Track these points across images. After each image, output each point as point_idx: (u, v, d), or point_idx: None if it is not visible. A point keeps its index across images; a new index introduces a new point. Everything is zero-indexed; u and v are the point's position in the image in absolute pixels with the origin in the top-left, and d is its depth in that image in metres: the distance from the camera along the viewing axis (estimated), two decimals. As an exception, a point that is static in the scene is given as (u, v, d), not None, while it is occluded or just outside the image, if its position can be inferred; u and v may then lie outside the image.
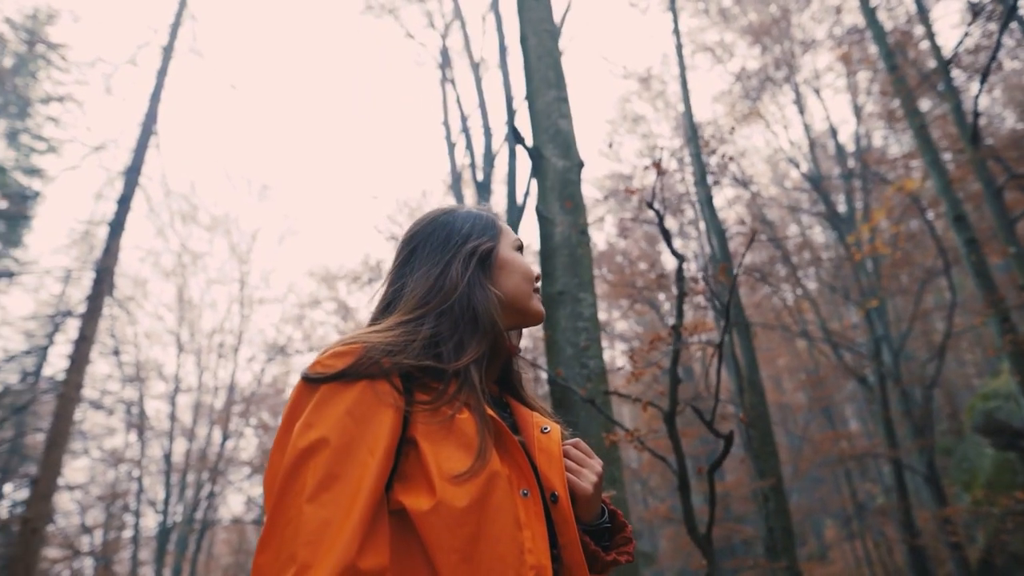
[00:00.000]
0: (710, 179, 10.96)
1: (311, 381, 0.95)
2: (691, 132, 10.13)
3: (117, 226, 10.64)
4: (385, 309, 1.16)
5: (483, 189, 12.10)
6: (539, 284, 1.31)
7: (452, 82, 13.75)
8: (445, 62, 14.03)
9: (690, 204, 16.33)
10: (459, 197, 13.25)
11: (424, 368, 1.01)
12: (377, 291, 1.23)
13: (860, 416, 24.92)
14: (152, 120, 11.75)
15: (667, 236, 3.50)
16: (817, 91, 16.68)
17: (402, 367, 0.98)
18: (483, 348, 1.09)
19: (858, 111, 16.06)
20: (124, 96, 14.99)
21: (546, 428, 1.13)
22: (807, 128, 16.89)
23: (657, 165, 3.53)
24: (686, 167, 14.30)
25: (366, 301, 20.35)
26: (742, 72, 16.38)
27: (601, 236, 20.20)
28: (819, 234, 21.53)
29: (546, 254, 4.76)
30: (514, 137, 5.23)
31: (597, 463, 1.16)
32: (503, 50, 11.70)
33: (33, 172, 14.81)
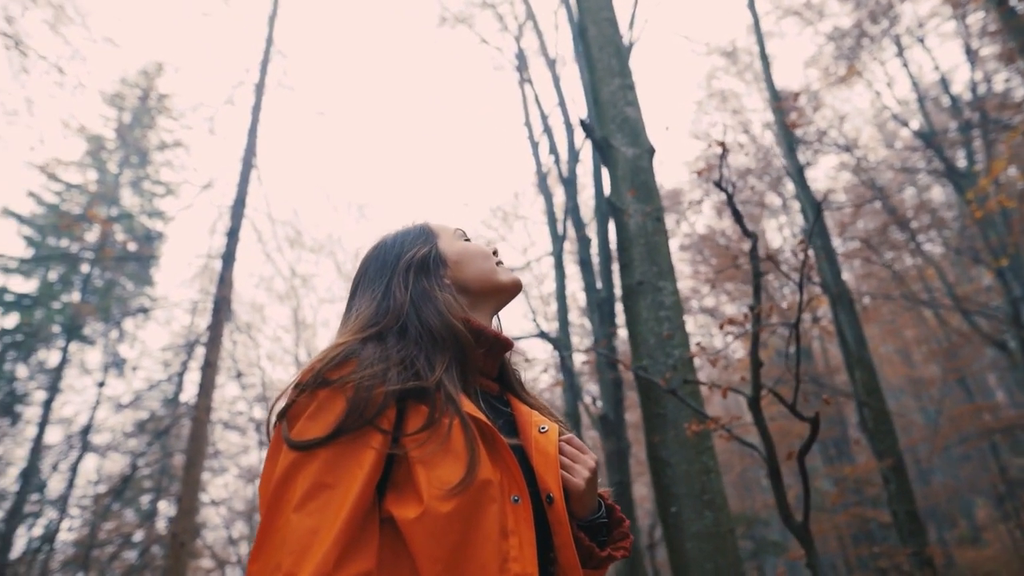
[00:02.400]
0: (803, 149, 10.41)
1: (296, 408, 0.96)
2: (775, 102, 9.66)
3: (228, 257, 11.34)
4: None
5: (569, 185, 12.04)
6: (499, 257, 1.31)
7: (530, 82, 13.77)
8: (522, 63, 14.07)
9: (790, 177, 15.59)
10: (547, 196, 13.24)
11: (409, 390, 0.99)
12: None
13: (1005, 385, 22.94)
14: (251, 154, 12.43)
15: (738, 216, 3.35)
16: (922, 40, 15.50)
17: (392, 395, 0.96)
18: (447, 357, 1.07)
19: (972, 56, 14.76)
20: (225, 135, 15.97)
21: (544, 427, 1.12)
22: (914, 82, 15.73)
23: (722, 144, 3.39)
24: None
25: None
26: (834, 32, 15.46)
27: (700, 219, 19.62)
28: (938, 194, 20.01)
29: (622, 245, 4.67)
30: (583, 130, 5.16)
31: (590, 459, 1.13)
32: (576, 42, 11.62)
33: (156, 214, 16.06)
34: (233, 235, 11.62)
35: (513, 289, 1.28)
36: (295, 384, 0.98)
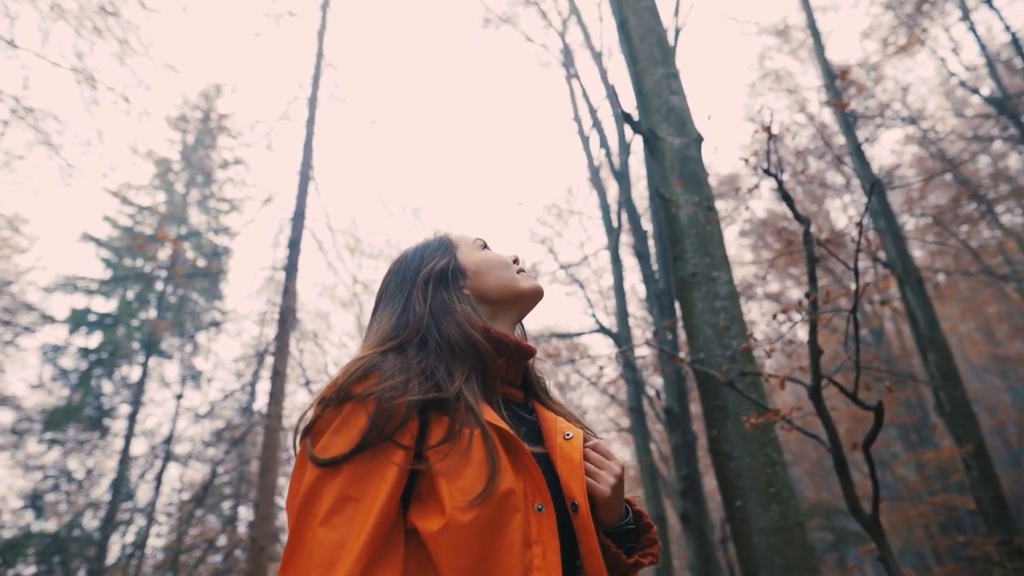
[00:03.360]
0: (863, 124, 10.03)
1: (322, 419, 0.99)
2: (827, 78, 9.33)
3: (291, 268, 11.67)
4: None
5: (622, 178, 11.92)
6: (520, 264, 1.31)
7: (577, 77, 13.71)
8: (568, 59, 14.01)
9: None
10: (600, 190, 13.15)
11: (429, 402, 1.00)
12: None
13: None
14: (308, 167, 12.75)
15: (789, 201, 3.27)
16: (989, 1, 14.71)
17: (413, 405, 0.98)
18: (467, 367, 1.08)
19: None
20: (282, 149, 16.41)
21: (568, 434, 1.12)
22: (983, 46, 14.94)
23: (768, 129, 3.31)
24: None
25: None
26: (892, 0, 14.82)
27: (760, 204, 19.15)
28: (1016, 162, 18.96)
29: (674, 237, 4.60)
30: (626, 122, 5.10)
31: (616, 464, 1.13)
32: (621, 33, 11.49)
33: (221, 231, 16.63)
34: (294, 246, 11.94)
35: (534, 296, 1.29)
36: (319, 399, 1.00)
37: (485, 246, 1.35)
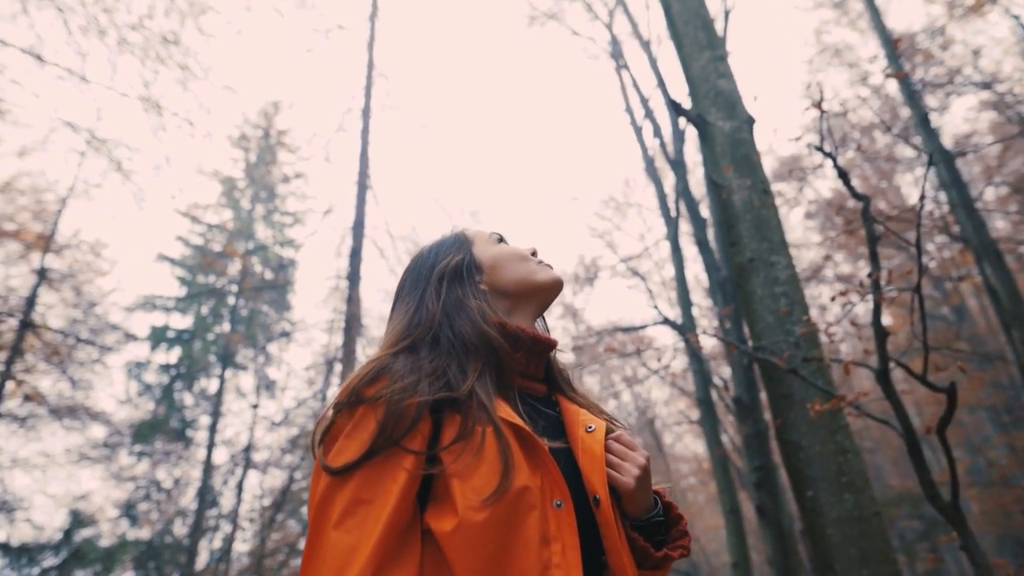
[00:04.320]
0: (931, 92, 9.55)
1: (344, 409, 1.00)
2: (887, 48, 8.92)
3: (354, 276, 11.92)
4: None
5: (678, 166, 11.71)
6: (539, 256, 1.29)
7: (626, 67, 13.53)
8: (616, 50, 13.85)
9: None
10: (655, 180, 12.95)
11: (441, 400, 1.00)
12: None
13: None
14: (365, 176, 12.99)
15: (845, 178, 3.14)
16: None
17: (423, 406, 0.97)
18: (480, 364, 1.07)
19: None
20: (340, 160, 16.80)
21: (591, 427, 1.10)
22: (1060, -1, 14.04)
23: (818, 105, 3.19)
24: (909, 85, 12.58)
25: (586, 300, 20.60)
26: (957, -41, 14.07)
27: (824, 184, 18.51)
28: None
29: (728, 223, 4.49)
30: (673, 109, 5.01)
31: (640, 456, 1.10)
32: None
33: (286, 243, 17.13)
34: (356, 255, 12.19)
35: (552, 287, 1.26)
36: (334, 404, 1.01)
37: (501, 240, 1.33)
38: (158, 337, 15.37)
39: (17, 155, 11.56)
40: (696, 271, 17.05)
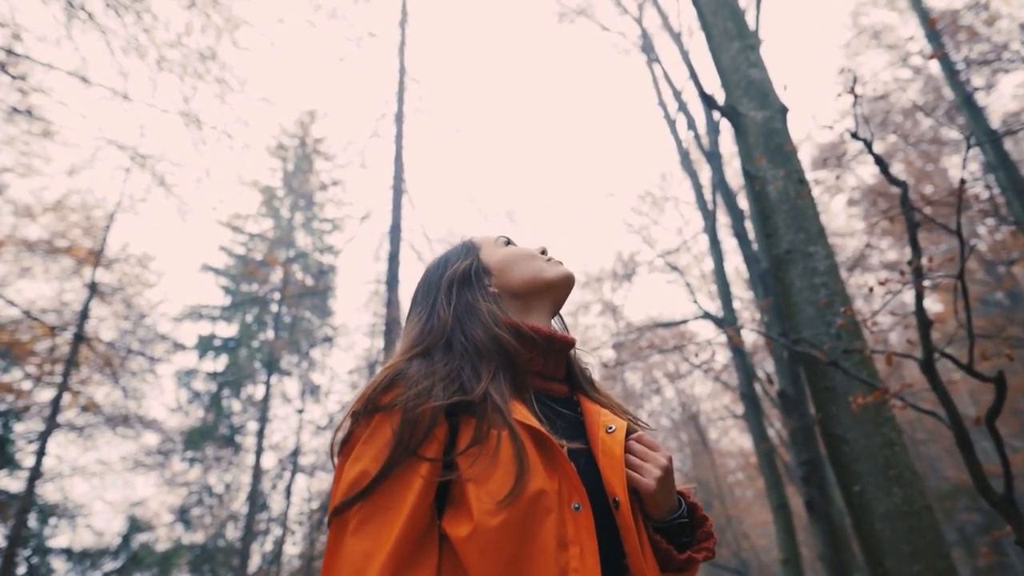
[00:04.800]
0: (977, 70, 9.24)
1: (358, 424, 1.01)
2: (926, 28, 8.65)
3: (392, 280, 12.03)
4: None
5: (713, 158, 11.55)
6: (548, 254, 1.29)
7: (658, 61, 13.38)
8: (647, 44, 13.73)
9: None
10: (691, 173, 12.80)
11: (455, 404, 1.00)
12: None
13: None
14: (400, 181, 13.11)
15: (881, 164, 3.06)
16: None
17: (438, 411, 0.98)
18: (494, 366, 1.07)
19: None
20: (375, 166, 16.94)
21: (611, 427, 1.08)
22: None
23: (851, 91, 3.11)
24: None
25: (625, 297, 20.48)
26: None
27: (866, 170, 18.05)
28: None
29: (764, 214, 4.42)
30: (705, 101, 4.94)
31: (662, 456, 1.07)
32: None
33: (326, 250, 17.38)
34: (394, 259, 12.31)
35: (562, 282, 1.26)
36: (351, 413, 1.02)
37: (509, 242, 1.33)
38: (205, 346, 15.74)
39: (67, 174, 11.96)
40: (736, 263, 16.79)
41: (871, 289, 2.79)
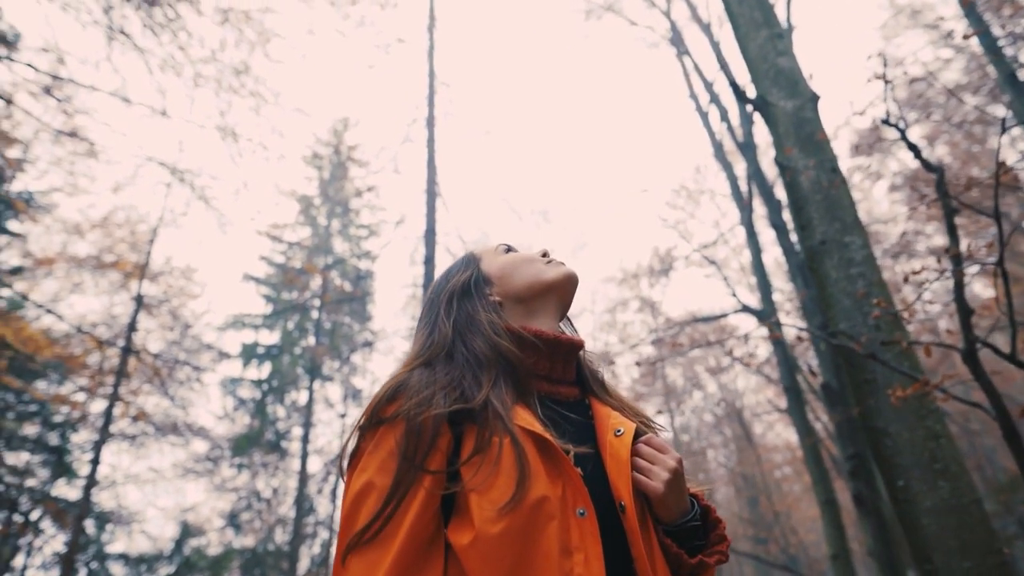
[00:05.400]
0: (1019, 48, 8.92)
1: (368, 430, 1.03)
2: (962, 3, 8.35)
3: (428, 284, 12.11)
4: None
5: (747, 149, 11.37)
6: (549, 257, 1.29)
7: (688, 53, 13.22)
8: (676, 36, 13.57)
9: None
10: (725, 165, 12.62)
11: (457, 412, 1.00)
12: None
13: None
14: (433, 184, 13.18)
15: (915, 150, 2.99)
16: None
17: (440, 419, 0.98)
18: (495, 374, 1.07)
19: None
20: (408, 170, 17.11)
21: (619, 430, 1.07)
22: None
23: (883, 76, 3.04)
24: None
25: (663, 293, 20.30)
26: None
27: (908, 155, 17.54)
28: None
29: (797, 205, 4.33)
30: (735, 93, 4.87)
31: (670, 459, 1.05)
32: (727, 0, 10.98)
33: (363, 255, 17.59)
34: (429, 263, 12.39)
35: (563, 282, 1.25)
36: (357, 427, 1.04)
37: (510, 249, 1.33)
38: (249, 354, 16.08)
39: (112, 191, 12.33)
40: (776, 255, 16.52)
41: (906, 279, 2.72)
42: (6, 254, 12.76)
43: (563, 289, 1.25)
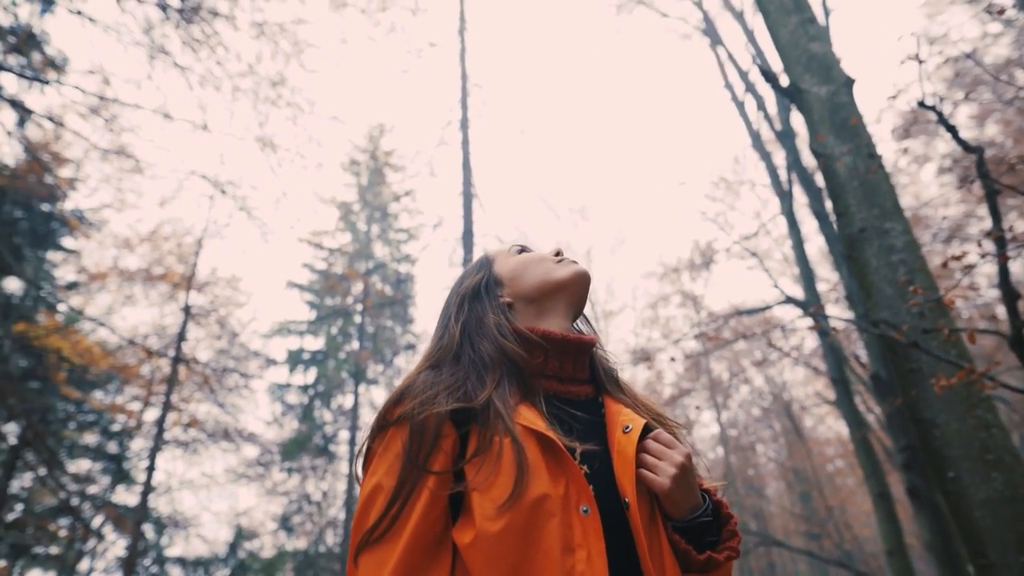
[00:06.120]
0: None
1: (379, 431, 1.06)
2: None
3: (467, 285, 12.19)
4: None
5: (786, 138, 11.14)
6: (561, 256, 1.29)
7: (721, 43, 13.02)
8: (709, 26, 13.39)
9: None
10: (764, 154, 12.39)
11: (458, 411, 1.02)
12: None
13: None
14: (469, 186, 13.25)
15: (952, 131, 2.89)
16: None
17: (442, 417, 1.00)
18: (499, 374, 1.08)
19: None
20: (444, 172, 17.25)
21: (628, 427, 1.07)
22: None
23: (916, 56, 2.95)
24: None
25: (705, 286, 20.04)
26: None
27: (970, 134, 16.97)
28: None
29: (834, 193, 4.24)
30: (767, 80, 4.79)
31: (678, 454, 1.04)
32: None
33: (403, 259, 17.77)
34: (467, 264, 12.47)
35: (573, 281, 1.24)
36: (369, 431, 1.07)
37: (523, 250, 1.34)
38: (295, 360, 16.38)
39: (158, 205, 12.72)
40: (820, 243, 16.16)
41: (945, 264, 2.63)
42: (62, 270, 13.26)
43: (573, 288, 1.25)
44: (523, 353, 1.12)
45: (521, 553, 0.89)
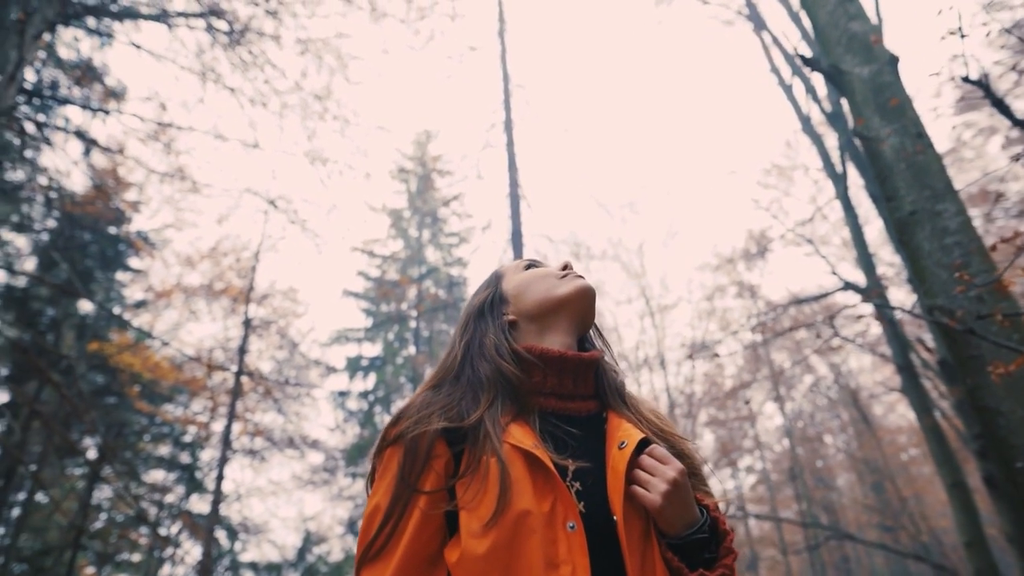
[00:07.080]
0: None
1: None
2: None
3: (517, 286, 12.22)
4: None
5: (836, 119, 10.80)
6: (569, 270, 1.28)
7: (765, 27, 12.72)
8: (752, 10, 13.09)
9: None
10: (814, 138, 12.04)
11: (452, 431, 1.05)
12: None
13: None
14: (516, 187, 13.28)
15: (1001, 105, 2.77)
16: None
17: (433, 436, 1.03)
18: (493, 394, 1.09)
19: None
20: (491, 175, 17.32)
21: (623, 443, 1.06)
22: None
23: (959, 31, 2.84)
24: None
25: (762, 275, 19.64)
26: None
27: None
28: None
29: (882, 175, 4.09)
30: (804, 63, 4.66)
31: (671, 470, 1.01)
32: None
33: (455, 263, 17.94)
34: (516, 266, 12.50)
35: (574, 297, 1.23)
36: (373, 451, 1.10)
37: (531, 265, 1.33)
38: (354, 367, 16.71)
39: (216, 223, 13.17)
40: (880, 226, 15.61)
41: (994, 247, 2.52)
42: (130, 289, 13.87)
43: (575, 304, 1.23)
44: (519, 373, 1.12)
45: (505, 570, 0.90)
